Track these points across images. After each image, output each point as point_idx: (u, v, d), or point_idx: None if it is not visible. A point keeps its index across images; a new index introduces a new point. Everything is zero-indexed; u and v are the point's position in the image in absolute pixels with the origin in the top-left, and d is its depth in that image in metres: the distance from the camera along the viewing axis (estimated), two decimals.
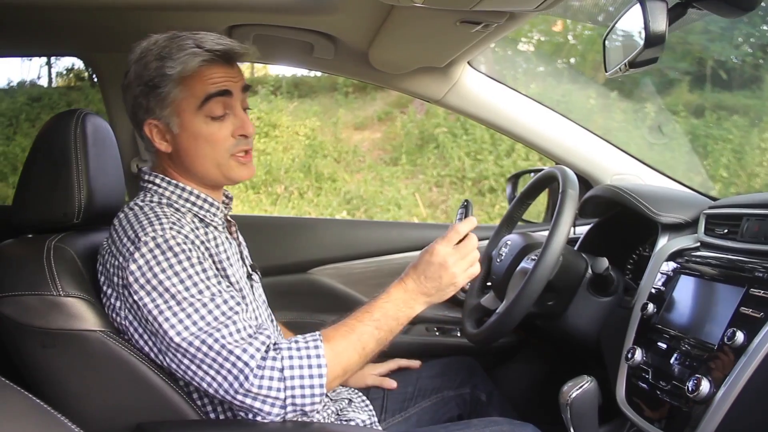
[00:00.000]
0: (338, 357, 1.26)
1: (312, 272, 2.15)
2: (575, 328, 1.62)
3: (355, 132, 7.22)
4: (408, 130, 6.85)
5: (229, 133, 1.34)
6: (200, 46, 1.30)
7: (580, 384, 1.29)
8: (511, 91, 2.02)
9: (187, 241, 1.25)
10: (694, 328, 1.28)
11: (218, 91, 1.31)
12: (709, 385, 1.14)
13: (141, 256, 1.22)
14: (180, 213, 1.33)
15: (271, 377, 1.19)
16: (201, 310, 1.21)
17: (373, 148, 7.04)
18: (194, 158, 1.35)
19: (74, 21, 1.69)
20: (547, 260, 1.45)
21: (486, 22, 1.43)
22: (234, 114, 1.34)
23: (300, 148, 6.74)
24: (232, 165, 1.35)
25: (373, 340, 1.30)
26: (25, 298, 1.25)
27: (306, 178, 6.43)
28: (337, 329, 1.29)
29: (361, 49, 1.77)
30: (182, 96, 1.31)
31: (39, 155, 1.41)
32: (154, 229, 1.25)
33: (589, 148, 2.06)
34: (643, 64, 1.22)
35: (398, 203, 5.95)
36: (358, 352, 1.28)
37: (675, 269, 1.44)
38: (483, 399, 1.79)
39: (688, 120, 5.75)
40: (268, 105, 7.17)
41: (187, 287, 1.21)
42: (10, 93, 6.41)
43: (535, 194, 1.81)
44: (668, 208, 1.57)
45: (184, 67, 1.29)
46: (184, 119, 1.32)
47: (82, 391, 1.28)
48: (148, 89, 1.32)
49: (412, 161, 6.53)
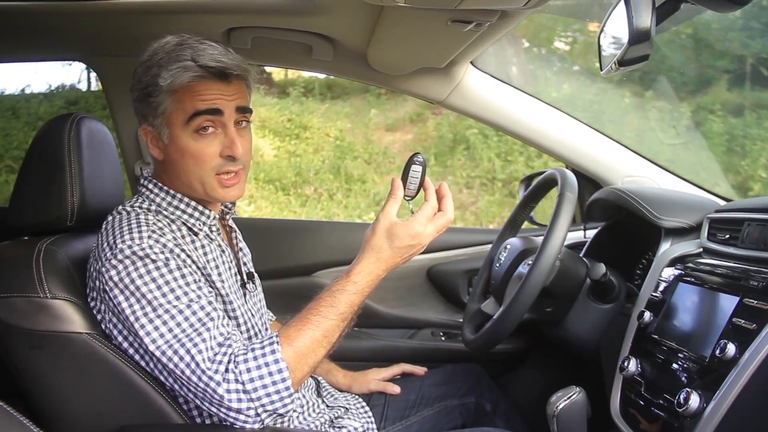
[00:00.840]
0: (302, 356, 1.23)
1: (317, 275, 2.13)
2: (575, 336, 1.57)
3: (387, 133, 7.19)
4: (440, 132, 6.80)
5: (216, 151, 1.30)
6: (195, 60, 1.27)
7: (568, 395, 1.25)
8: (518, 91, 1.98)
9: (165, 249, 1.24)
10: (688, 339, 1.23)
11: (207, 108, 1.28)
12: (699, 400, 1.09)
13: (119, 262, 1.23)
14: (168, 220, 1.33)
15: (237, 390, 1.18)
16: (177, 317, 1.20)
17: (405, 149, 7.00)
18: (180, 171, 1.33)
19: (77, 26, 1.71)
20: (542, 265, 1.41)
21: (477, 20, 1.40)
22: (225, 133, 1.30)
23: (330, 150, 6.74)
24: (215, 185, 1.32)
25: (338, 330, 1.28)
26: (13, 299, 1.26)
27: (336, 179, 6.42)
28: (299, 328, 1.25)
29: (360, 51, 1.75)
30: (172, 108, 1.29)
31: (34, 159, 1.42)
32: (131, 237, 1.24)
33: (599, 150, 2.00)
34: (632, 63, 1.16)
35: None
36: (324, 347, 1.26)
37: (675, 276, 1.38)
38: (488, 409, 1.74)
39: (726, 119, 5.57)
40: (299, 107, 7.20)
41: (164, 293, 1.21)
42: (48, 97, 6.56)
43: (538, 197, 1.77)
44: (671, 212, 1.50)
45: (173, 80, 1.26)
46: (172, 131, 1.30)
47: (67, 393, 1.29)
48: (143, 96, 1.31)
49: (443, 162, 6.47)
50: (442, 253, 2.16)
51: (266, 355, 1.20)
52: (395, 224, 1.30)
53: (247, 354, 1.20)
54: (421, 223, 1.29)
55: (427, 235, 1.30)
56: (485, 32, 1.50)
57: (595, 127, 2.03)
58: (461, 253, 2.16)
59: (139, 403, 1.27)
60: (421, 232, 1.29)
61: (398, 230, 1.29)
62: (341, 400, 1.62)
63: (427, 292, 2.17)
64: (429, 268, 2.16)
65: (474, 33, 1.48)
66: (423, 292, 2.17)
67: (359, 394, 1.71)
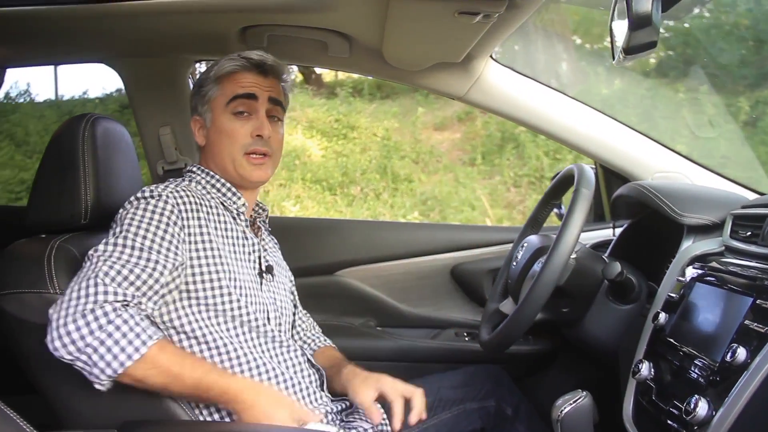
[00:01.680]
0: (159, 358, 1.22)
1: (339, 274, 2.12)
2: (593, 337, 1.51)
3: (435, 132, 7.16)
4: (489, 131, 6.72)
5: (248, 132, 1.49)
6: (241, 56, 1.52)
7: (573, 399, 1.20)
8: (542, 86, 1.91)
9: (175, 204, 1.37)
10: (702, 343, 1.16)
11: (245, 93, 1.49)
12: (708, 407, 1.02)
13: (130, 203, 1.37)
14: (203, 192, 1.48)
15: (96, 318, 1.19)
16: (126, 247, 1.29)
17: (453, 148, 6.95)
18: (216, 152, 1.51)
19: (98, 28, 1.73)
20: (554, 264, 1.36)
21: (485, 12, 1.35)
22: (257, 117, 1.50)
23: (377, 150, 6.74)
24: (244, 163, 1.49)
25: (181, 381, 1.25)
26: (25, 295, 1.29)
27: (382, 179, 6.42)
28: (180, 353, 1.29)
29: (375, 46, 1.73)
30: (217, 94, 1.51)
31: (49, 158, 1.45)
32: (157, 186, 1.40)
33: (629, 145, 1.92)
34: (638, 50, 1.11)
35: (472, 204, 5.83)
36: (167, 376, 1.24)
37: (694, 276, 1.30)
38: (509, 413, 1.70)
39: None
40: (347, 107, 7.22)
41: (138, 227, 1.32)
42: (104, 101, 6.75)
43: (559, 194, 1.71)
44: (694, 208, 1.43)
45: (219, 68, 1.51)
46: (215, 114, 1.51)
47: (75, 387, 1.30)
48: (197, 89, 1.56)
49: (490, 161, 6.40)
50: (467, 251, 2.12)
51: (143, 333, 1.21)
52: None
53: (134, 315, 1.22)
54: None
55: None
56: (497, 24, 1.46)
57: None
58: (486, 252, 2.11)
59: (144, 399, 1.28)
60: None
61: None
62: None
63: (451, 291, 2.13)
64: (453, 267, 2.12)
65: (484, 25, 1.44)
66: (447, 292, 2.13)
67: None
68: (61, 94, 6.73)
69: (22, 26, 1.69)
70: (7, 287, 1.30)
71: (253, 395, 1.28)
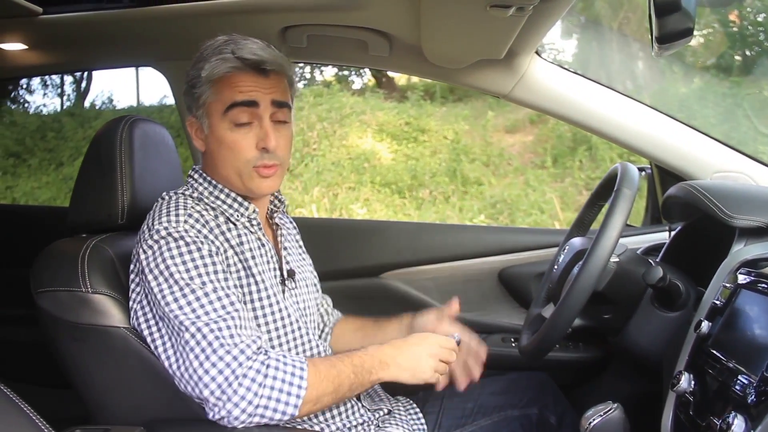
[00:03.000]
0: (318, 385, 1.24)
1: (383, 276, 2.10)
2: (636, 346, 1.43)
3: (507, 135, 7.05)
4: (560, 133, 6.56)
5: (252, 143, 1.34)
6: (234, 53, 1.32)
7: (604, 410, 1.13)
8: (591, 82, 1.84)
9: (200, 235, 1.29)
10: (745, 355, 1.06)
11: (243, 100, 1.32)
12: (744, 425, 0.94)
13: (154, 242, 1.27)
14: (209, 207, 1.37)
15: (253, 379, 1.18)
16: (202, 299, 1.23)
17: (525, 151, 6.82)
18: (218, 162, 1.38)
19: (144, 31, 1.78)
20: (591, 268, 1.29)
21: (517, 4, 1.30)
22: (260, 125, 1.34)
23: (447, 153, 6.69)
24: (252, 176, 1.36)
25: (348, 383, 1.28)
26: (59, 293, 1.32)
27: (451, 182, 6.36)
28: (321, 361, 1.29)
29: (415, 44, 1.70)
30: (211, 99, 1.34)
31: (90, 160, 1.50)
32: (169, 219, 1.29)
33: (686, 143, 1.82)
34: (672, 39, 1.04)
35: (541, 208, 5.70)
36: (334, 387, 1.26)
37: (742, 282, 1.21)
38: (552, 422, 1.63)
39: None
40: (418, 110, 7.20)
41: (192, 277, 1.24)
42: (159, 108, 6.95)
43: (606, 195, 1.62)
44: (745, 210, 1.32)
45: (212, 71, 1.32)
46: (212, 121, 1.35)
47: (104, 384, 1.34)
48: (189, 88, 1.38)
49: (562, 164, 6.24)
50: (515, 254, 2.06)
51: (296, 366, 1.22)
52: None
53: (278, 357, 1.22)
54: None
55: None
56: (535, 18, 1.41)
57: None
58: (534, 255, 2.05)
59: (170, 398, 1.29)
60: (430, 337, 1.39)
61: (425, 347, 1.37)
62: (386, 403, 1.57)
63: (498, 295, 2.07)
64: (500, 271, 2.06)
65: (520, 18, 1.39)
66: (494, 295, 2.07)
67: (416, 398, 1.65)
68: (141, 101, 6.99)
69: (73, 31, 1.75)
70: (43, 285, 1.34)
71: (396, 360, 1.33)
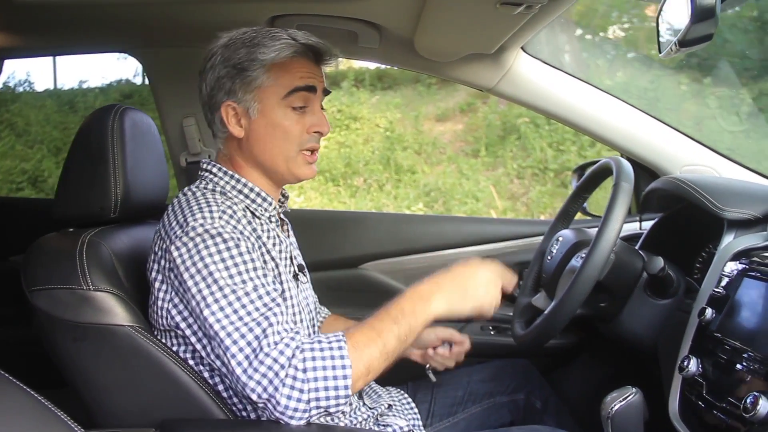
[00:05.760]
0: (361, 356, 1.20)
1: (363, 267, 2.10)
2: (630, 332, 1.50)
3: (437, 124, 7.14)
4: (490, 122, 6.70)
5: (304, 128, 1.35)
6: (294, 38, 1.33)
7: (624, 396, 1.19)
8: (571, 78, 1.90)
9: (236, 231, 1.25)
10: (756, 339, 1.14)
11: (305, 85, 1.33)
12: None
13: (190, 239, 1.22)
14: (231, 202, 1.31)
15: (295, 377, 1.15)
16: (243, 299, 1.19)
17: (455, 139, 6.94)
18: (264, 148, 1.36)
19: (122, 18, 1.71)
20: (596, 259, 1.34)
21: (528, 2, 1.33)
22: (312, 111, 1.36)
23: (380, 141, 6.73)
24: (299, 161, 1.37)
25: (394, 337, 1.23)
26: (57, 291, 1.26)
27: (385, 170, 6.40)
28: (358, 328, 1.24)
29: (407, 37, 1.71)
30: (269, 83, 1.32)
31: (78, 150, 1.43)
32: (203, 216, 1.24)
33: (657, 138, 1.91)
34: (694, 43, 1.10)
35: (476, 196, 5.83)
36: (380, 350, 1.22)
37: (739, 271, 1.29)
38: (538, 406, 1.70)
39: None
40: (349, 98, 7.19)
41: (231, 275, 1.20)
42: (105, 91, 6.72)
43: (592, 187, 1.69)
44: (735, 203, 1.41)
45: (277, 54, 1.31)
46: (266, 106, 1.33)
47: (110, 385, 1.29)
48: (236, 71, 1.32)
49: (493, 153, 6.39)
50: (493, 245, 2.11)
51: (333, 349, 1.17)
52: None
53: (313, 344, 1.17)
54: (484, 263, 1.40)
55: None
56: (536, 15, 1.44)
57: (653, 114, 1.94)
58: (512, 245, 2.10)
59: (181, 397, 1.27)
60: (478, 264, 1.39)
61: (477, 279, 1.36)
62: (385, 398, 1.58)
63: None
64: None
65: (524, 16, 1.42)
66: None
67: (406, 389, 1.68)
68: (60, 84, 6.69)
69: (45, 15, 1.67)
70: (37, 283, 1.28)
71: (434, 290, 1.31)
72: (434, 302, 1.29)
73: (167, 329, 1.30)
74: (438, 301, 1.29)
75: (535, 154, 6.07)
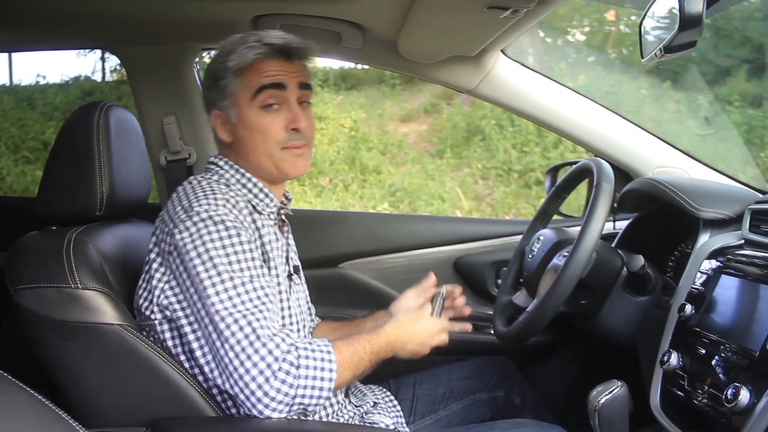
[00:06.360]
0: (342, 367, 1.26)
1: (342, 266, 2.12)
2: (610, 329, 1.54)
3: (402, 124, 7.16)
4: (454, 123, 6.76)
5: (281, 126, 1.36)
6: (259, 40, 1.34)
7: (609, 389, 1.23)
8: (549, 81, 1.94)
9: (237, 220, 1.28)
10: (734, 333, 1.20)
11: (271, 83, 1.34)
12: (750, 395, 1.06)
13: (193, 224, 1.25)
14: (235, 194, 1.34)
15: (288, 372, 1.18)
16: (239, 287, 1.21)
17: (420, 140, 6.97)
18: (249, 149, 1.38)
19: (102, 13, 1.69)
20: (579, 257, 1.38)
21: (515, 7, 1.36)
22: (288, 108, 1.36)
23: (345, 141, 6.72)
24: (284, 156, 1.37)
25: (364, 367, 1.32)
26: (44, 290, 1.25)
27: (351, 170, 6.41)
28: (344, 345, 1.30)
29: (390, 38, 1.73)
30: (239, 88, 1.35)
31: (62, 147, 1.41)
32: (208, 202, 1.27)
33: (631, 140, 1.96)
34: (679, 49, 1.14)
35: (442, 197, 5.87)
36: (353, 371, 1.30)
37: (716, 268, 1.35)
38: (517, 402, 1.74)
39: (744, 110, 5.50)
40: (314, 98, 7.15)
41: (230, 262, 1.22)
42: (64, 87, 6.57)
43: (570, 188, 1.74)
44: (710, 203, 1.47)
45: (240, 59, 1.34)
46: (240, 110, 1.36)
47: (99, 385, 1.28)
48: (213, 81, 1.38)
49: (458, 154, 6.44)
50: (469, 244, 2.14)
51: (323, 352, 1.23)
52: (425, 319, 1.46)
53: (306, 345, 1.22)
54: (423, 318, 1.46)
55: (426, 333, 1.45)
56: (520, 19, 1.47)
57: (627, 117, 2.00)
58: (488, 245, 2.14)
59: (171, 395, 1.27)
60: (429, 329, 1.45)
61: (423, 325, 1.44)
62: (369, 396, 1.60)
63: (453, 283, 2.14)
64: (456, 260, 2.13)
65: (509, 20, 1.45)
66: (450, 284, 2.14)
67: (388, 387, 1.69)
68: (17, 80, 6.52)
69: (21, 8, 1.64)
70: (23, 282, 1.26)
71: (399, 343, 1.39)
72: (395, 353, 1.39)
73: (157, 316, 1.31)
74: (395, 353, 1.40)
75: (500, 155, 6.13)
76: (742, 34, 5.64)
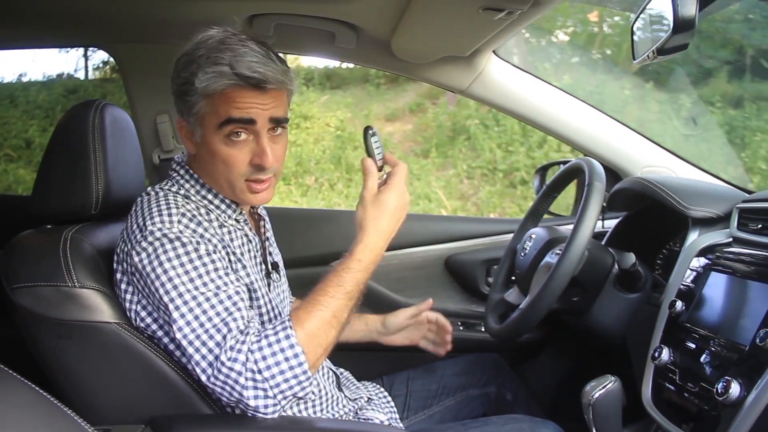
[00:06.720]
0: (314, 338, 1.19)
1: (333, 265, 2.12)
2: (601, 325, 1.57)
3: (387, 123, 7.16)
4: (439, 122, 6.78)
5: (246, 159, 1.27)
6: (232, 67, 1.22)
7: (603, 384, 1.25)
8: (539, 81, 1.97)
9: (195, 234, 1.23)
10: (724, 328, 1.23)
11: (240, 117, 1.24)
12: (740, 388, 1.09)
13: (149, 244, 1.21)
14: (196, 205, 1.30)
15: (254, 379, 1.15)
16: (204, 304, 1.18)
17: (405, 139, 6.98)
18: (209, 170, 1.32)
19: (96, 11, 1.69)
20: (572, 255, 1.41)
21: (509, 8, 1.39)
22: (257, 141, 1.27)
23: (330, 140, 6.72)
24: (243, 189, 1.30)
25: (347, 310, 1.25)
26: (40, 289, 1.25)
27: (336, 169, 6.40)
28: (309, 311, 1.21)
29: (384, 39, 1.74)
30: (206, 110, 1.26)
31: (58, 146, 1.41)
32: (162, 219, 1.23)
33: (619, 140, 2.00)
34: (671, 51, 1.17)
35: (428, 196, 5.89)
36: (335, 327, 1.22)
37: (705, 265, 1.38)
38: (509, 398, 1.76)
39: (725, 111, 5.58)
40: (299, 97, 7.16)
41: (192, 279, 1.19)
42: (47, 85, 6.50)
43: (561, 187, 1.77)
44: (699, 202, 1.51)
45: (208, 84, 1.23)
46: (206, 132, 1.28)
47: (97, 383, 1.28)
48: (180, 92, 1.28)
49: (443, 153, 6.46)
50: (460, 242, 2.16)
51: (280, 341, 1.16)
52: (380, 192, 1.31)
53: (261, 342, 1.16)
54: (399, 183, 1.32)
55: (405, 192, 1.34)
56: (513, 21, 1.49)
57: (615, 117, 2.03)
58: (479, 243, 2.16)
59: (169, 394, 1.27)
60: (403, 190, 1.32)
61: (385, 197, 1.30)
62: (363, 391, 1.62)
63: (445, 281, 2.17)
64: (447, 258, 2.16)
65: (503, 21, 1.47)
66: (441, 282, 2.17)
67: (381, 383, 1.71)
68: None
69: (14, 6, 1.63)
70: (19, 280, 1.26)
71: (376, 232, 1.29)
72: (383, 250, 1.31)
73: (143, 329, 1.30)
74: (384, 247, 1.31)
75: (485, 154, 6.16)
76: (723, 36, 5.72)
